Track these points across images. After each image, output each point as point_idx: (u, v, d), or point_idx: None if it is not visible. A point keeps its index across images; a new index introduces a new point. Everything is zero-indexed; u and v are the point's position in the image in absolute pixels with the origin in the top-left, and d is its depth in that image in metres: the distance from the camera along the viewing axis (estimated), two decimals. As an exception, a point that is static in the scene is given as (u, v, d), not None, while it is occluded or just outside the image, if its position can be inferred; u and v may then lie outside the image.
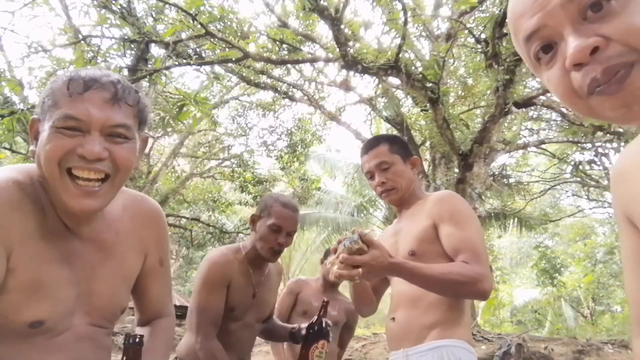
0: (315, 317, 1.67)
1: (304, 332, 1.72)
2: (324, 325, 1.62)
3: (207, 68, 7.25)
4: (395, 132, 8.98)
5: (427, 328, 1.49)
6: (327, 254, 2.78)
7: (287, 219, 1.80)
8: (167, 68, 5.61)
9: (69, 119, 0.81)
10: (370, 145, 1.73)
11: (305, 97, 8.73)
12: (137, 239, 1.04)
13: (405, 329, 1.54)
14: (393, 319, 1.60)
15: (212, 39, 5.44)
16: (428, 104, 5.75)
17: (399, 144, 1.74)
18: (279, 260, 1.98)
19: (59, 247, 0.88)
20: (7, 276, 0.81)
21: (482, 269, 1.38)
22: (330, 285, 2.64)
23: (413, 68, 5.48)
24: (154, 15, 6.20)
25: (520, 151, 9.68)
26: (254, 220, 1.87)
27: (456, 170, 6.79)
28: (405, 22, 4.93)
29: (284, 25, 7.49)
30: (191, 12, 4.88)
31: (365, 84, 17.30)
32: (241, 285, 1.80)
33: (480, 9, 6.69)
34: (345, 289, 2.90)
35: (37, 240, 0.85)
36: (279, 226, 1.77)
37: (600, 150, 6.65)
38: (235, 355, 1.84)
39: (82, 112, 0.81)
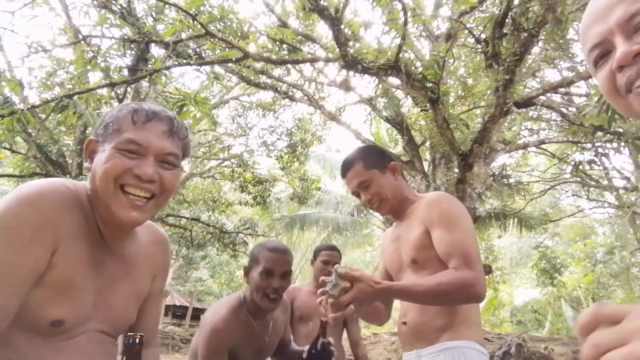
0: (315, 338, 1.62)
1: (305, 355, 1.66)
2: (320, 345, 1.57)
3: (207, 68, 7.25)
4: (395, 132, 8.99)
5: (439, 330, 1.51)
6: (316, 255, 2.80)
7: (277, 260, 1.76)
8: (167, 68, 5.61)
9: (131, 143, 0.94)
10: (346, 167, 1.72)
11: (305, 97, 8.72)
12: (151, 263, 1.13)
13: (417, 332, 1.56)
14: (404, 323, 1.62)
15: (212, 39, 5.43)
16: (428, 104, 5.74)
17: (373, 156, 1.72)
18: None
19: (93, 255, 0.97)
20: (47, 271, 0.88)
21: (472, 273, 1.38)
22: (322, 285, 2.67)
23: (413, 68, 5.47)
24: (154, 15, 6.19)
25: (520, 151, 9.68)
26: (246, 272, 1.84)
27: (456, 170, 6.79)
28: (405, 22, 4.93)
29: (284, 25, 7.49)
30: (191, 12, 4.88)
31: (365, 84, 17.28)
32: (245, 342, 1.77)
33: (480, 9, 6.69)
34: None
35: (77, 244, 0.93)
36: (269, 270, 1.74)
37: (600, 150, 6.65)
38: None
39: (143, 139, 0.95)
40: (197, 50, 6.36)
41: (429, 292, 1.37)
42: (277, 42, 6.96)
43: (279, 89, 8.58)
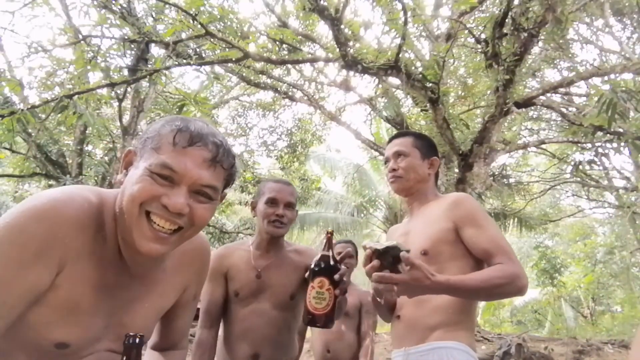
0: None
1: (308, 273, 1.50)
2: (318, 260, 1.42)
3: (207, 68, 7.25)
4: (394, 132, 8.97)
5: (431, 329, 1.49)
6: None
7: (280, 190, 1.87)
8: (167, 68, 5.61)
9: (165, 168, 0.83)
10: (397, 134, 1.82)
11: (305, 97, 8.72)
12: (181, 276, 1.05)
13: (410, 328, 1.55)
14: (398, 317, 1.60)
15: (212, 39, 5.43)
16: (428, 104, 5.74)
17: (424, 141, 1.78)
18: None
19: (107, 276, 0.89)
20: (50, 291, 0.81)
21: (516, 268, 1.42)
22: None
23: (413, 68, 5.47)
24: (154, 15, 6.20)
25: (520, 151, 9.68)
26: (253, 206, 1.96)
27: (456, 170, 6.79)
28: (405, 22, 4.93)
29: (284, 25, 7.49)
30: (191, 12, 4.88)
31: (365, 84, 17.29)
32: (241, 269, 1.86)
33: (480, 9, 6.69)
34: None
35: (89, 265, 0.85)
36: (273, 199, 1.85)
37: (600, 150, 6.64)
38: (249, 345, 1.78)
39: (180, 166, 0.84)
40: (197, 50, 6.36)
41: (482, 286, 1.38)
42: (277, 42, 6.97)
43: (279, 89, 8.59)
